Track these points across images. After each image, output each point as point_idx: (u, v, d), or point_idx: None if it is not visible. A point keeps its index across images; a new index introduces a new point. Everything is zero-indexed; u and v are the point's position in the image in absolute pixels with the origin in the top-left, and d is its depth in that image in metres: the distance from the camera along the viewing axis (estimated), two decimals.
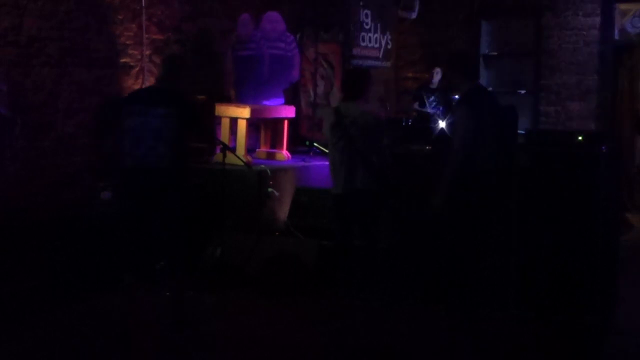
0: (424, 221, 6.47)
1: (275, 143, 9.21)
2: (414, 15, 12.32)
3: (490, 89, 10.27)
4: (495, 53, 12.17)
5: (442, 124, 8.01)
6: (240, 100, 9.01)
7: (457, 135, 5.83)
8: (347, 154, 6.16)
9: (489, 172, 5.86)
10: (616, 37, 11.74)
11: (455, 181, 5.78)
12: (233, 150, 7.83)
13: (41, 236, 6.79)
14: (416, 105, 10.91)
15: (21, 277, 6.60)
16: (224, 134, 8.47)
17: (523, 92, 11.73)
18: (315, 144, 9.81)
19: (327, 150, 6.69)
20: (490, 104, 6.07)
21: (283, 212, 8.22)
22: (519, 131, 6.66)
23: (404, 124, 8.34)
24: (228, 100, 8.97)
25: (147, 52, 8.28)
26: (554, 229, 6.19)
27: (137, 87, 8.15)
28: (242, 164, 7.52)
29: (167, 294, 6.03)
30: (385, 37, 12.32)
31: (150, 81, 8.28)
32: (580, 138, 6.36)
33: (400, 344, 5.72)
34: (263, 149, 9.22)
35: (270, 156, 9.12)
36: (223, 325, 6.09)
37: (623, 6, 11.68)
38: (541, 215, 6.22)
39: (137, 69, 8.18)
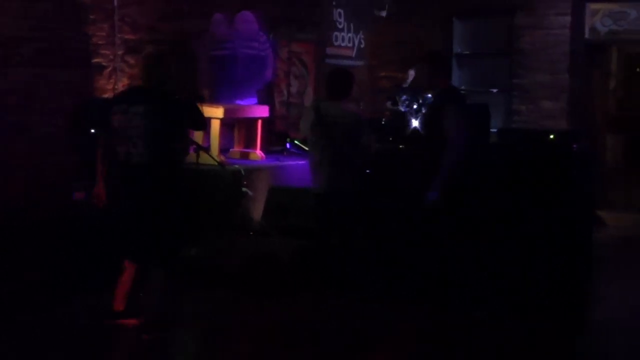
0: (401, 219, 6.49)
1: (250, 143, 9.19)
2: (384, 14, 12.35)
3: (462, 88, 10.34)
4: (468, 52, 12.23)
5: (415, 123, 8.05)
6: (214, 100, 8.98)
7: (456, 132, 5.82)
8: (327, 153, 6.18)
9: (470, 170, 5.89)
10: (587, 36, 11.84)
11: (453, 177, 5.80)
12: (207, 150, 7.81)
13: (16, 238, 6.72)
14: (389, 104, 10.93)
15: None
16: (198, 134, 8.44)
17: (496, 91, 11.79)
18: (296, 141, 9.80)
19: (306, 148, 6.71)
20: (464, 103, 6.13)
21: (258, 211, 8.21)
22: (492, 130, 6.71)
23: (379, 123, 8.38)
24: (202, 100, 8.91)
25: (120, 52, 8.23)
26: (528, 228, 6.23)
27: (109, 87, 8.11)
28: (216, 164, 7.51)
29: (140, 294, 6.00)
30: (358, 36, 12.35)
31: (123, 81, 8.24)
32: (552, 137, 6.42)
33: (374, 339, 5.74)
34: (237, 149, 9.20)
35: (244, 156, 9.10)
36: (198, 326, 6.07)
37: (594, 5, 11.78)
38: (514, 214, 6.26)
39: (109, 69, 8.13)
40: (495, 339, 5.82)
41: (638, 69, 13.48)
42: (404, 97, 10.82)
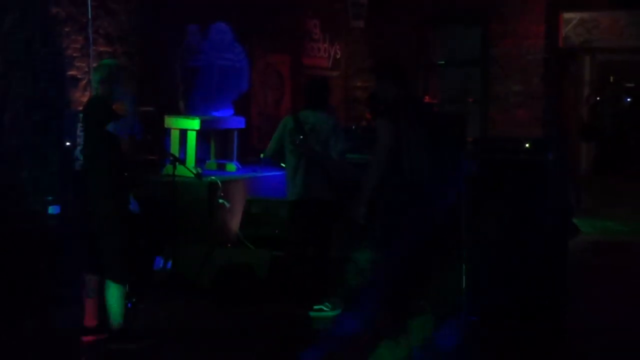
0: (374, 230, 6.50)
1: (226, 154, 9.18)
2: (359, 24, 12.40)
3: (426, 98, 10.37)
4: (443, 61, 12.30)
5: None
6: (189, 112, 8.96)
7: (375, 147, 5.79)
8: (304, 161, 6.20)
9: (418, 183, 5.81)
10: (561, 44, 11.95)
11: (377, 192, 5.76)
12: (183, 161, 7.80)
13: None
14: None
15: None
16: (174, 145, 8.43)
17: (471, 99, 11.87)
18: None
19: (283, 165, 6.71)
20: (420, 114, 6.03)
21: (234, 223, 8.20)
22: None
23: (353, 132, 8.41)
24: (177, 112, 8.93)
25: (94, 65, 8.19)
26: (503, 236, 6.26)
27: (84, 100, 8.06)
28: (192, 175, 7.49)
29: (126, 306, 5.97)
30: (334, 47, 12.38)
31: None
32: (527, 145, 6.45)
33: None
34: (213, 160, 9.19)
35: (221, 167, 9.09)
36: (173, 336, 6.05)
37: (567, 14, 11.91)
38: (490, 222, 6.29)
39: (84, 81, 8.09)
40: (471, 346, 5.84)
41: (611, 77, 13.64)
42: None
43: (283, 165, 6.68)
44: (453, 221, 6.32)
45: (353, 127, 8.85)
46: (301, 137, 6.25)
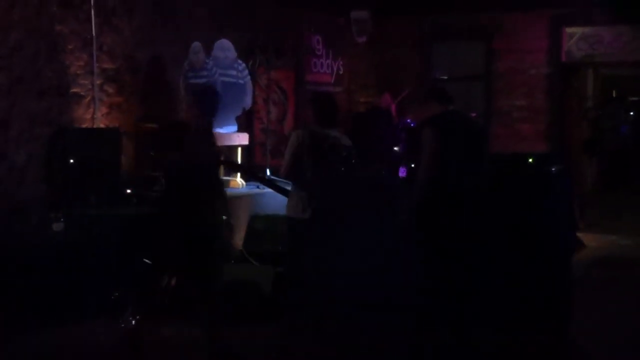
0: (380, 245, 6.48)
1: (230, 170, 9.19)
2: (362, 40, 12.44)
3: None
4: (446, 76, 12.32)
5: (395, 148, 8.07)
6: None
7: (422, 156, 5.86)
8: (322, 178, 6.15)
9: (459, 194, 5.84)
10: (563, 59, 11.97)
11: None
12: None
13: None
14: None
15: None
16: None
17: (474, 114, 11.87)
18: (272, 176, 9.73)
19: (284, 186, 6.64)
20: (465, 127, 6.09)
21: (238, 239, 8.19)
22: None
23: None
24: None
25: (99, 82, 8.22)
26: (507, 250, 6.24)
27: (88, 117, 8.09)
28: None
29: (122, 325, 5.96)
30: (337, 62, 12.41)
31: (102, 111, 8.23)
32: (530, 160, 6.45)
33: None
34: None
35: (225, 183, 9.08)
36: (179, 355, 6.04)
37: (569, 29, 11.93)
38: (494, 236, 6.27)
39: (88, 98, 8.11)
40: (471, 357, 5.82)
41: (613, 91, 13.64)
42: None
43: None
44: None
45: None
46: (344, 154, 6.21)
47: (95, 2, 8.08)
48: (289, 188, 6.54)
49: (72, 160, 7.52)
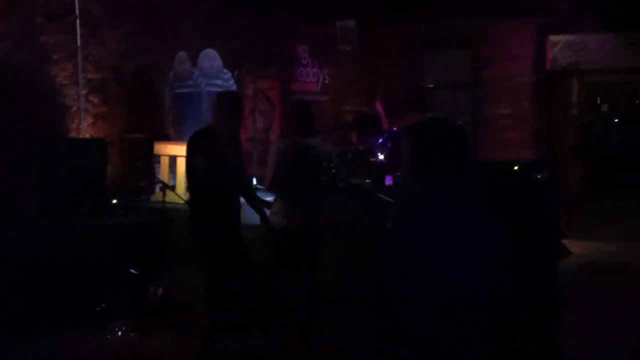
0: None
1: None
2: (348, 48, 12.45)
3: None
4: (432, 85, 12.34)
5: (380, 157, 8.04)
6: (179, 138, 8.96)
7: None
8: (304, 188, 6.15)
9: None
10: (548, 67, 12.03)
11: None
12: (173, 188, 7.78)
13: None
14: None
15: None
16: (164, 172, 8.42)
17: (461, 122, 11.88)
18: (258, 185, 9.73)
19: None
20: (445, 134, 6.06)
21: None
22: None
23: (345, 157, 8.40)
24: (167, 139, 8.93)
25: (84, 92, 8.22)
26: (494, 258, 6.24)
27: (74, 127, 8.07)
28: (182, 202, 7.47)
29: (108, 336, 5.95)
30: (322, 71, 12.43)
31: (87, 121, 8.22)
32: (516, 167, 6.46)
33: None
34: None
35: None
36: None
37: (554, 37, 11.98)
38: (479, 244, 6.27)
39: (74, 108, 8.10)
40: None
41: (598, 99, 13.70)
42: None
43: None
44: None
45: (348, 152, 8.80)
46: (332, 165, 6.21)
47: (81, 13, 8.07)
48: (269, 199, 6.53)
49: (58, 170, 7.50)
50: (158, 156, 8.52)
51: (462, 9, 11.85)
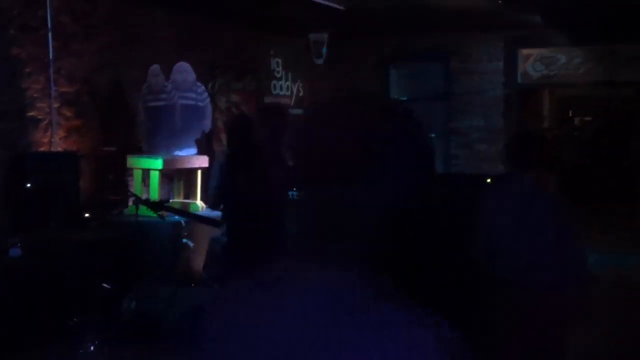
0: None
1: (190, 193, 9.16)
2: (320, 62, 12.50)
3: None
4: (405, 97, 12.43)
5: None
6: (152, 152, 8.94)
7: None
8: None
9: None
10: (520, 80, 12.15)
11: None
12: (146, 201, 7.76)
13: None
14: None
15: None
16: (136, 185, 8.40)
17: (433, 135, 11.98)
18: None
19: None
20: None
21: (199, 262, 8.16)
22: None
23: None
24: (140, 152, 8.90)
25: (56, 105, 8.17)
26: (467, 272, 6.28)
27: (45, 140, 8.02)
28: (155, 215, 7.45)
29: (81, 351, 5.90)
30: (296, 84, 12.46)
31: (59, 134, 8.17)
32: (488, 180, 6.52)
33: None
34: (177, 200, 9.15)
35: (185, 206, 9.05)
36: None
37: (525, 51, 12.11)
38: (454, 258, 6.32)
39: (45, 122, 8.05)
40: None
41: (569, 112, 13.85)
42: None
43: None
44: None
45: None
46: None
47: (54, 26, 8.04)
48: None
49: (29, 185, 7.45)
50: (131, 169, 8.49)
51: (434, 23, 11.94)
